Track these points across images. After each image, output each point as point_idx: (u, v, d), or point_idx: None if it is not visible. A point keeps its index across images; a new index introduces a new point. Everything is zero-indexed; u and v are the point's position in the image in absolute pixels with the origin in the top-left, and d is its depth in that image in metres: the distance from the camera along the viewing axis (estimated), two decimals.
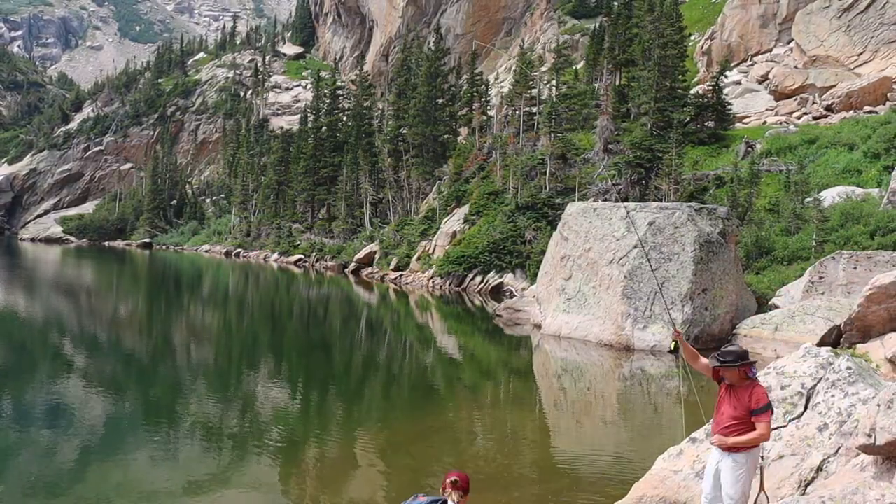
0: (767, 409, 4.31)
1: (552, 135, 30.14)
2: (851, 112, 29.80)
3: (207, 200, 70.89)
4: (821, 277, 14.59)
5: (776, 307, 15.42)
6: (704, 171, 26.05)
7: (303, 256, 42.43)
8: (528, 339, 16.46)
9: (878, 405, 4.04)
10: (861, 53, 33.59)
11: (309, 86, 71.52)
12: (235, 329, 20.00)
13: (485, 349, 16.74)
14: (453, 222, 30.23)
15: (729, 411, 4.42)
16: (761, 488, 4.49)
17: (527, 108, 34.35)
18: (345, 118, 50.46)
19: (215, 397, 11.36)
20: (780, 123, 30.91)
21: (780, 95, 35.05)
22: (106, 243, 68.31)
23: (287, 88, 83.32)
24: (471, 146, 36.82)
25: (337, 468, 7.81)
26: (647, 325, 14.23)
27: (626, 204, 17.34)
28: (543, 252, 19.37)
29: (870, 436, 4.00)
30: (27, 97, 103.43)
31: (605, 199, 24.73)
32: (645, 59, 28.47)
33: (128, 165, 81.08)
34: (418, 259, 30.73)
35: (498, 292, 25.36)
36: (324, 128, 49.50)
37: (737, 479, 4.38)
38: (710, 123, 29.81)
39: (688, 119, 28.77)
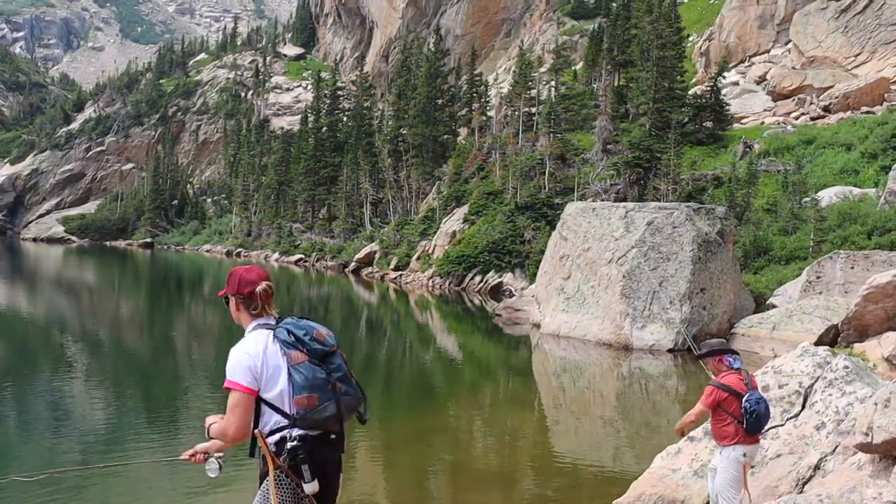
0: (715, 386, 4.51)
1: (551, 135, 30.23)
2: (849, 112, 29.90)
3: (208, 200, 71.05)
4: (818, 277, 14.67)
5: (774, 306, 15.49)
6: (703, 171, 26.14)
7: (303, 256, 42.53)
8: (528, 338, 16.53)
9: (876, 404, 4.10)
10: (858, 54, 33.70)
11: (309, 86, 71.60)
12: (236, 327, 20.03)
13: (484, 348, 16.82)
14: (453, 222, 30.33)
15: None
16: (744, 487, 4.52)
17: (526, 109, 34.44)
18: (345, 118, 50.59)
19: (216, 395, 11.44)
20: (778, 124, 31.00)
21: (777, 96, 35.15)
22: (107, 243, 68.46)
23: (288, 89, 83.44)
24: (470, 146, 36.91)
25: None
26: (646, 324, 14.31)
27: (624, 204, 17.41)
28: (542, 252, 19.45)
29: (867, 434, 4.06)
30: (29, 98, 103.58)
31: (604, 199, 24.81)
32: (643, 59, 28.57)
33: (129, 165, 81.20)
34: (418, 259, 30.81)
35: (497, 292, 25.44)
36: (324, 128, 49.62)
37: (722, 470, 4.49)
38: (709, 124, 29.92)
39: (686, 119, 28.86)
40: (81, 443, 8.68)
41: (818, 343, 10.42)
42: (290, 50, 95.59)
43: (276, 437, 2.61)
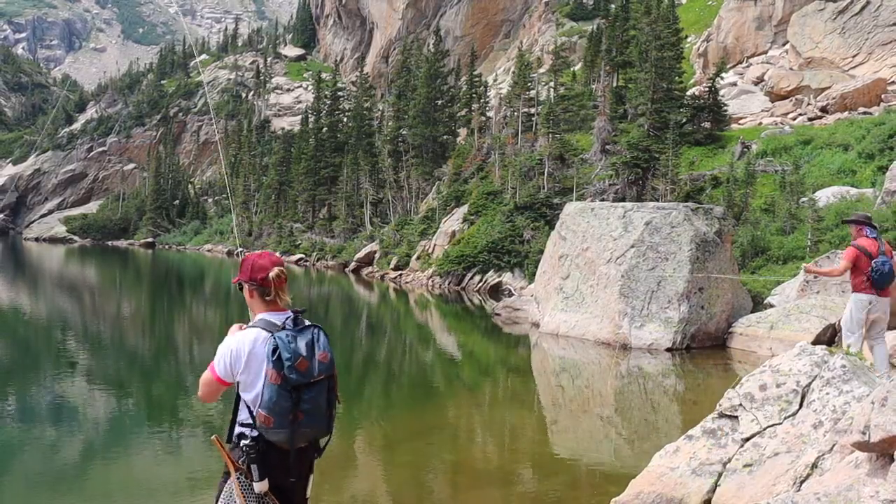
0: (854, 247, 6.18)
1: (550, 135, 30.30)
2: (846, 113, 29.93)
3: (209, 200, 71.22)
4: (816, 277, 14.71)
5: (771, 306, 15.53)
6: (701, 171, 26.20)
7: (304, 256, 42.63)
8: (527, 337, 16.58)
9: (873, 403, 4.10)
10: (855, 55, 33.77)
11: (310, 87, 71.68)
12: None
13: (484, 347, 16.87)
14: (452, 222, 30.39)
15: None
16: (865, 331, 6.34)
17: (525, 109, 34.52)
18: (345, 119, 50.67)
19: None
20: (776, 124, 31.02)
21: (775, 97, 35.21)
22: (109, 243, 68.66)
23: (288, 90, 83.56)
24: (470, 147, 37.00)
25: (336, 465, 7.92)
26: (644, 323, 14.36)
27: (623, 204, 17.44)
28: (541, 251, 19.50)
29: (864, 433, 4.06)
30: (31, 98, 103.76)
31: (603, 200, 24.86)
32: (642, 60, 28.59)
33: (131, 166, 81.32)
34: (418, 258, 30.88)
35: (496, 291, 25.50)
36: (324, 129, 49.71)
37: (847, 310, 6.46)
38: (707, 124, 29.95)
39: (684, 120, 28.90)
40: (84, 441, 8.73)
41: (816, 342, 10.48)
42: (291, 51, 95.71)
43: (239, 430, 2.71)
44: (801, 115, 32.40)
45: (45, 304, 24.08)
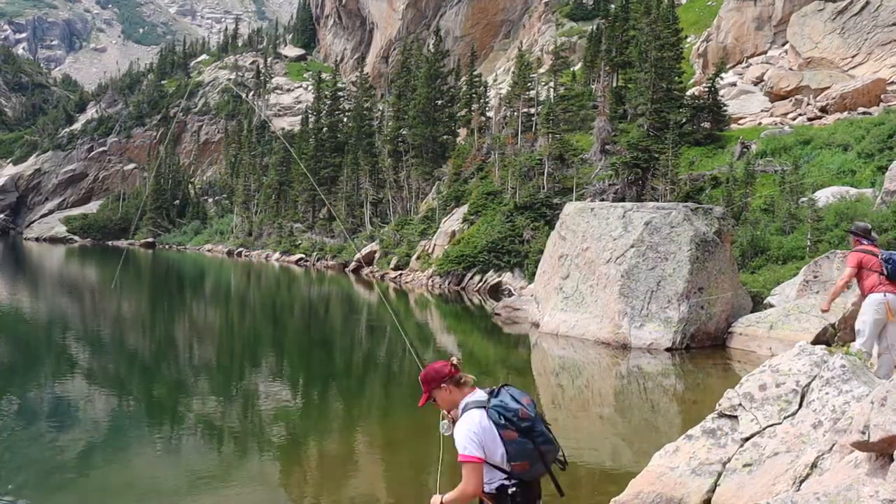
0: (857, 251, 6.40)
1: (550, 136, 30.31)
2: (845, 113, 29.92)
3: (210, 200, 71.35)
4: (815, 276, 14.73)
5: (771, 306, 15.54)
6: (700, 171, 26.20)
7: (304, 256, 42.66)
8: (527, 337, 16.59)
9: (872, 402, 4.09)
10: (855, 55, 33.78)
11: (310, 87, 71.71)
12: (237, 327, 20.16)
13: (484, 347, 16.89)
14: (452, 222, 30.41)
15: None
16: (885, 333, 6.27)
17: (525, 110, 34.56)
18: (345, 119, 50.74)
19: (216, 394, 11.51)
20: (775, 124, 31.01)
21: (775, 97, 35.22)
22: (109, 243, 68.76)
23: (288, 90, 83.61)
24: (470, 147, 37.03)
25: (337, 465, 7.93)
26: (644, 323, 14.37)
27: (623, 204, 17.45)
28: (541, 251, 19.51)
29: (863, 433, 4.06)
30: (32, 98, 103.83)
31: (603, 200, 24.88)
32: (642, 61, 28.60)
33: (131, 166, 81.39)
34: (418, 258, 30.89)
35: (496, 291, 25.51)
36: (324, 129, 49.79)
37: (862, 313, 6.33)
38: (706, 124, 29.94)
39: (684, 120, 28.89)
40: (84, 440, 8.74)
41: (815, 342, 10.49)
42: (291, 51, 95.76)
43: (497, 483, 3.33)
44: (800, 115, 32.40)
45: (45, 303, 24.10)
